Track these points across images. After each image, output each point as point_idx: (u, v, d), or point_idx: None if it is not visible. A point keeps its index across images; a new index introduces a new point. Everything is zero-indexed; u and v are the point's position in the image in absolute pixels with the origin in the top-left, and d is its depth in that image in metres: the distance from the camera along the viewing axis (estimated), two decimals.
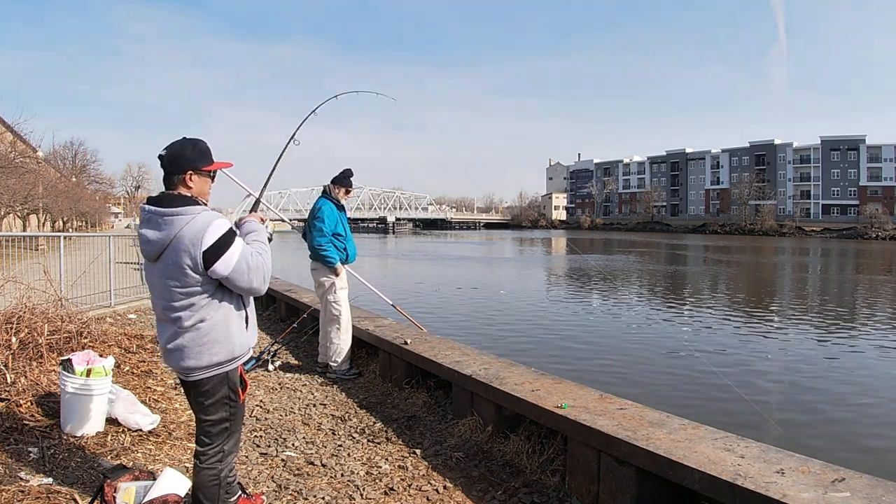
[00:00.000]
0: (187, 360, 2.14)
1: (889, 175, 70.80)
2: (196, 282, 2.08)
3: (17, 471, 2.84)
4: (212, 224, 2.06)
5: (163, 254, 2.08)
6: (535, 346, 9.10)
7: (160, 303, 2.16)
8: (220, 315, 2.17)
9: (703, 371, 7.79)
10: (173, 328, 2.15)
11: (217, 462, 2.27)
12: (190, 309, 2.11)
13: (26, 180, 23.26)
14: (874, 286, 19.83)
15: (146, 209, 2.10)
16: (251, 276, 2.14)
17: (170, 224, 2.06)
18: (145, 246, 2.11)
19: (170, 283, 2.08)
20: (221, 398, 2.23)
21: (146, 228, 2.10)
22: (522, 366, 3.98)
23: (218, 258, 2.05)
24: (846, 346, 9.61)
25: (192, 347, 2.14)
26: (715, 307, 14.17)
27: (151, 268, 2.16)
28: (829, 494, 2.01)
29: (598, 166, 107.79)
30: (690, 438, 2.56)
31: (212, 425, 2.25)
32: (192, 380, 2.20)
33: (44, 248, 15.35)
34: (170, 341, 2.17)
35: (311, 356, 5.92)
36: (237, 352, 2.23)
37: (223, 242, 2.06)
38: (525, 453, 3.25)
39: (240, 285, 2.14)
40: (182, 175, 2.14)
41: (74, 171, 51.18)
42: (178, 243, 2.04)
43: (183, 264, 2.04)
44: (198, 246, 2.03)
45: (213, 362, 2.17)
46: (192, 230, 2.04)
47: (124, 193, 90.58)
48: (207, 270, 2.06)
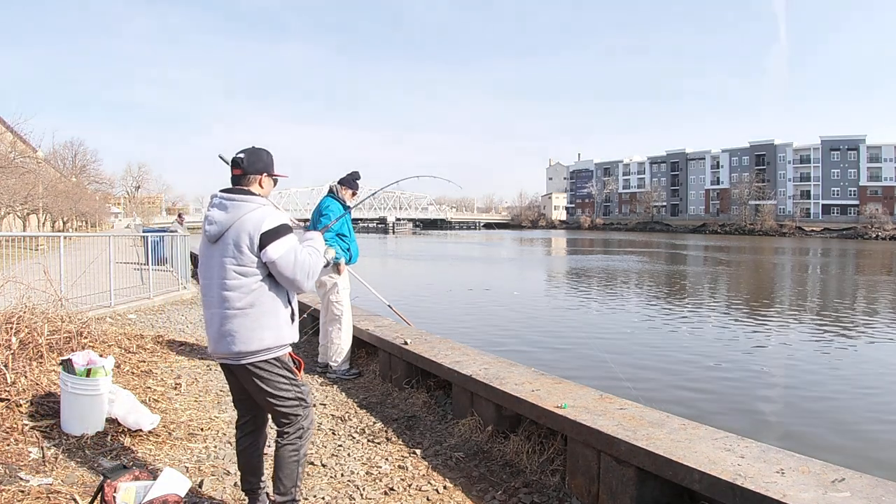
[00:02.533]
0: (238, 344, 2.25)
1: (889, 175, 70.78)
2: (251, 262, 2.24)
3: (17, 471, 2.84)
4: (274, 214, 2.29)
5: (225, 234, 2.26)
6: (535, 346, 9.10)
7: (216, 282, 2.27)
8: (270, 303, 2.29)
9: (703, 371, 7.79)
10: (222, 312, 2.26)
11: (297, 438, 2.38)
12: (241, 290, 2.24)
13: (26, 180, 23.25)
14: (874, 286, 19.83)
15: (218, 194, 2.33)
16: (296, 269, 2.28)
17: (238, 208, 2.27)
18: (210, 226, 2.29)
19: (226, 260, 2.25)
20: (280, 378, 2.33)
21: (216, 210, 2.30)
22: (522, 366, 3.98)
23: (272, 241, 2.24)
24: (846, 347, 9.61)
25: (242, 332, 2.24)
26: (715, 307, 14.17)
27: (210, 249, 2.31)
28: (829, 494, 2.01)
29: (598, 166, 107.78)
30: (690, 438, 2.56)
31: (283, 404, 2.35)
32: (245, 363, 2.28)
33: (44, 248, 15.35)
34: (221, 326, 2.27)
35: (312, 356, 5.92)
36: (286, 339, 2.35)
37: (280, 230, 2.26)
38: (525, 453, 3.25)
39: (284, 273, 2.27)
40: (258, 176, 2.38)
41: (74, 171, 51.16)
42: (242, 224, 2.24)
43: (242, 243, 2.23)
44: (258, 228, 2.23)
45: (263, 347, 2.27)
46: (257, 215, 2.26)
47: (124, 193, 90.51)
48: (261, 251, 2.23)
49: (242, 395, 2.47)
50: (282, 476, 2.37)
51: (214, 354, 2.36)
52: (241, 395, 2.48)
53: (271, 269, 2.28)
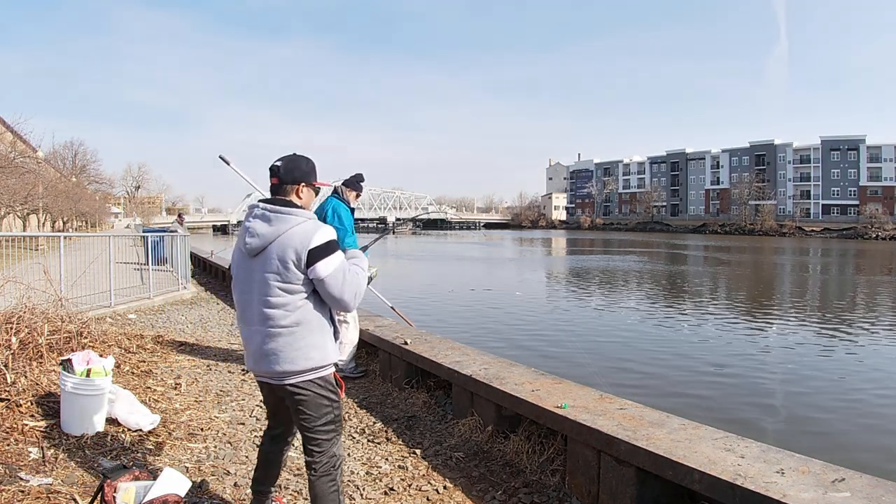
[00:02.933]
0: (283, 364, 2.13)
1: (889, 175, 70.77)
2: (297, 279, 2.12)
3: (17, 471, 2.84)
4: (322, 228, 2.17)
5: (268, 248, 2.13)
6: (535, 346, 9.10)
7: (257, 298, 2.16)
8: (316, 321, 2.19)
9: (703, 371, 7.79)
10: (265, 330, 2.15)
11: (331, 468, 2.25)
12: (286, 308, 2.13)
13: (26, 180, 23.23)
14: (874, 286, 19.82)
15: (260, 205, 2.20)
16: (344, 287, 2.17)
17: (283, 221, 2.14)
18: (252, 239, 2.16)
19: (270, 276, 2.12)
20: (322, 401, 2.22)
21: (258, 222, 2.16)
22: (522, 366, 3.98)
23: (321, 259, 2.12)
24: (846, 347, 9.61)
25: (288, 351, 2.14)
26: (715, 307, 14.17)
27: (249, 262, 2.19)
28: (829, 494, 2.01)
29: (598, 166, 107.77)
30: (690, 438, 2.56)
31: (318, 431, 2.22)
32: (287, 384, 2.17)
33: (44, 248, 15.35)
34: (263, 344, 2.16)
35: None
36: (332, 358, 2.24)
37: (329, 247, 2.15)
38: (525, 453, 3.25)
39: (332, 293, 2.16)
40: (297, 186, 2.24)
41: (74, 171, 51.12)
42: (288, 239, 2.12)
43: (288, 259, 2.10)
44: (306, 244, 2.11)
45: (309, 367, 2.17)
46: (304, 229, 2.13)
47: (124, 193, 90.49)
48: (309, 268, 2.12)
49: (279, 409, 2.40)
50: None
51: (256, 372, 2.26)
52: (277, 409, 2.41)
53: (318, 287, 2.16)
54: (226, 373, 5.24)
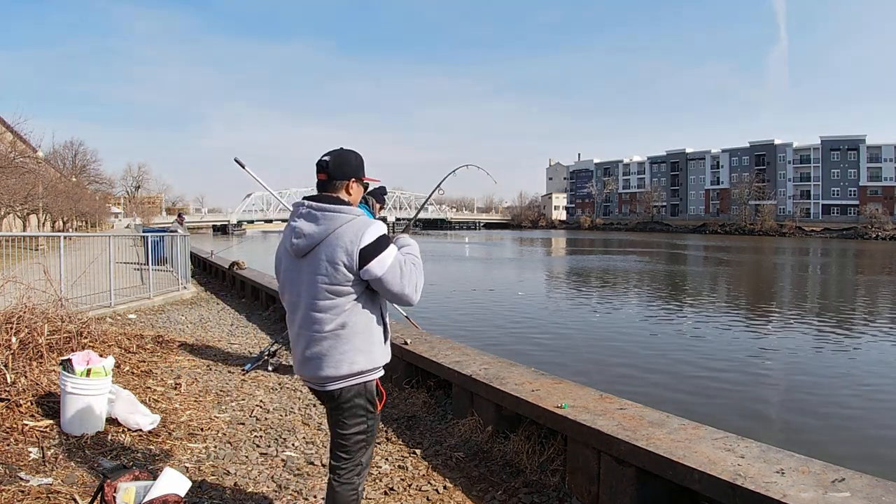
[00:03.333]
0: (326, 368, 2.06)
1: (889, 175, 70.76)
2: (346, 280, 2.02)
3: (17, 471, 2.84)
4: (372, 225, 2.06)
5: (316, 248, 2.04)
6: (535, 346, 9.11)
7: (304, 301, 2.07)
8: (363, 323, 2.09)
9: (703, 371, 7.79)
10: (310, 334, 2.07)
11: (355, 476, 2.19)
12: (333, 311, 2.04)
13: (26, 180, 23.24)
14: (874, 286, 19.82)
15: (305, 204, 2.10)
16: (404, 281, 2.07)
17: (330, 220, 2.04)
18: (299, 239, 2.06)
19: (318, 278, 2.03)
20: (359, 410, 2.14)
21: (304, 221, 2.06)
22: (522, 366, 3.98)
23: (374, 257, 2.01)
24: (846, 347, 9.61)
25: (332, 355, 2.06)
26: (715, 307, 14.17)
27: (296, 264, 2.10)
28: (829, 494, 2.01)
29: (598, 166, 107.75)
30: (690, 438, 2.56)
31: (349, 438, 2.16)
32: (329, 390, 2.11)
33: (44, 248, 15.35)
34: (307, 348, 2.08)
35: None
36: (378, 362, 2.15)
37: (381, 243, 2.04)
38: (525, 453, 3.25)
39: (391, 289, 2.06)
40: (346, 181, 2.15)
41: (74, 171, 51.12)
42: (337, 239, 2.01)
43: (338, 260, 2.00)
44: (356, 243, 2.00)
45: (353, 371, 2.08)
46: (353, 228, 2.03)
47: (124, 193, 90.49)
48: (362, 269, 2.01)
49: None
50: None
51: (300, 376, 2.20)
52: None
53: (375, 286, 2.06)
54: (226, 373, 5.24)
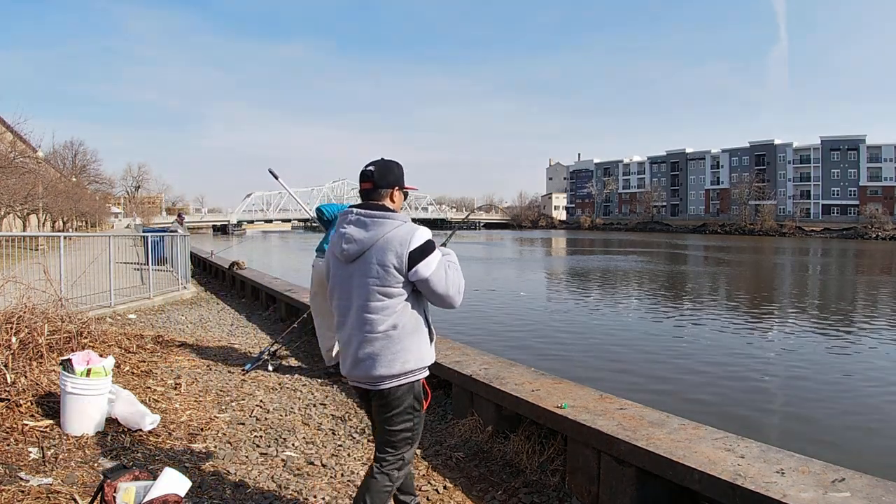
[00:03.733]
0: (379, 368, 2.15)
1: (889, 175, 70.75)
2: (397, 282, 2.15)
3: (17, 471, 2.84)
4: (419, 230, 2.20)
5: (366, 253, 2.16)
6: (535, 346, 9.10)
7: (355, 303, 2.18)
8: (413, 324, 2.21)
9: (703, 371, 7.79)
10: (362, 335, 2.17)
11: (396, 469, 2.27)
12: (385, 312, 2.15)
13: (26, 180, 23.24)
14: (874, 286, 19.82)
15: (354, 211, 2.22)
16: (448, 285, 2.20)
17: (379, 225, 2.17)
18: (348, 244, 2.18)
19: (370, 281, 2.15)
20: (406, 408, 2.23)
21: (354, 228, 2.19)
22: (522, 366, 3.98)
23: (422, 260, 2.14)
24: (846, 346, 9.61)
25: (385, 355, 2.15)
26: (715, 307, 14.17)
27: (345, 269, 2.21)
28: (829, 494, 2.01)
29: (598, 166, 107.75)
30: (690, 438, 2.56)
31: (395, 435, 2.25)
32: (380, 389, 2.20)
33: (44, 248, 15.35)
34: (360, 349, 2.18)
35: (312, 356, 5.92)
36: (426, 361, 2.26)
37: (428, 247, 2.17)
38: (525, 453, 3.25)
39: (437, 290, 2.19)
40: (390, 189, 2.29)
41: (74, 171, 51.13)
42: (387, 243, 2.14)
43: (388, 263, 2.13)
44: (405, 246, 2.13)
45: (405, 370, 2.18)
46: (401, 232, 2.16)
47: (124, 193, 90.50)
48: (410, 271, 2.14)
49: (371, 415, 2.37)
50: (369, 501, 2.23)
51: (349, 377, 2.28)
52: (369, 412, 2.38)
53: (421, 288, 2.19)
54: (226, 373, 5.24)
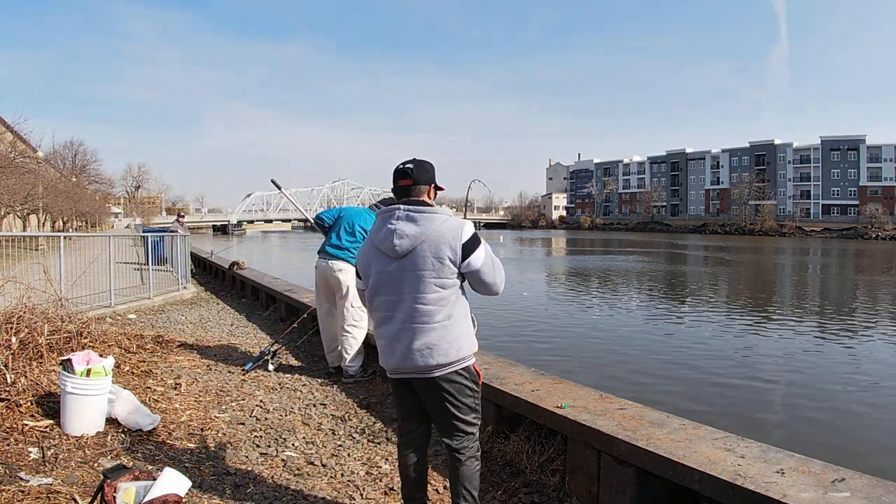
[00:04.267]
0: (436, 357, 2.22)
1: (889, 175, 70.77)
2: (451, 273, 2.23)
3: (17, 471, 2.84)
4: (467, 223, 2.29)
5: (419, 247, 2.22)
6: (535, 346, 9.10)
7: (408, 297, 2.23)
8: (464, 312, 2.31)
9: (703, 371, 7.79)
10: (418, 327, 2.22)
11: (476, 451, 2.37)
12: (440, 303, 2.22)
13: (26, 180, 23.25)
14: (874, 286, 19.82)
15: (402, 208, 2.28)
16: (495, 274, 2.33)
17: (430, 220, 2.24)
18: (401, 240, 2.23)
19: (425, 274, 2.21)
20: (466, 388, 2.31)
21: (404, 223, 2.25)
22: (522, 366, 3.97)
23: (474, 251, 2.25)
24: (846, 347, 9.61)
25: (441, 344, 2.22)
26: (715, 307, 14.17)
27: (394, 264, 2.25)
28: (829, 494, 2.01)
29: (598, 166, 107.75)
30: (690, 438, 2.56)
31: (462, 418, 2.32)
32: (436, 376, 2.25)
33: (44, 248, 15.35)
34: (415, 340, 2.23)
35: (312, 356, 5.92)
36: (475, 346, 2.36)
37: (476, 239, 2.28)
38: (525, 453, 3.25)
39: (485, 279, 2.30)
40: (428, 186, 2.37)
41: (74, 171, 51.16)
42: (440, 236, 2.22)
43: (443, 255, 2.21)
44: (458, 239, 2.22)
45: (460, 357, 2.27)
46: (452, 226, 2.25)
47: (124, 193, 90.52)
48: (463, 262, 2.23)
49: (416, 409, 2.42)
50: (469, 489, 2.34)
51: (400, 370, 2.30)
52: (414, 408, 2.42)
53: (472, 278, 2.29)
54: (226, 373, 5.24)
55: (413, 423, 2.46)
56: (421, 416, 2.44)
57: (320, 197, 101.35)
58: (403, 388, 2.39)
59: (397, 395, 2.47)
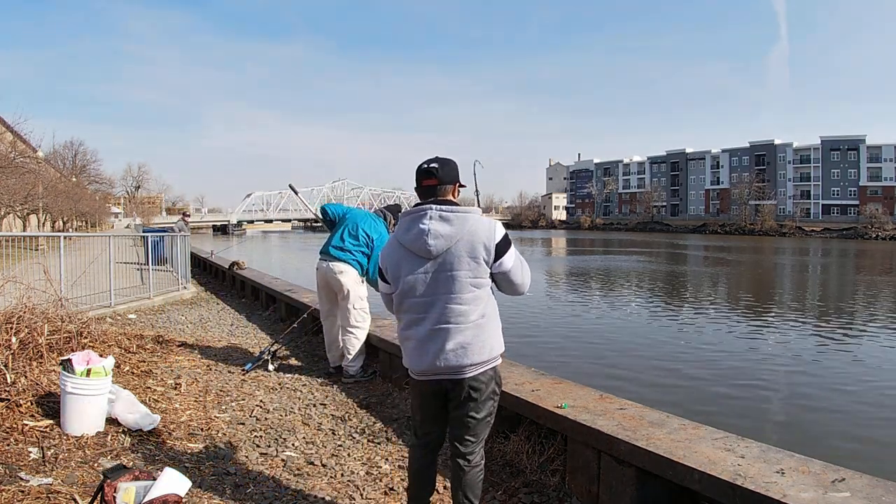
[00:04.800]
0: (471, 356, 2.21)
1: (889, 175, 70.75)
2: (485, 273, 2.24)
3: (17, 471, 2.84)
4: (498, 223, 2.31)
5: (453, 247, 2.20)
6: (535, 346, 9.10)
7: (442, 297, 2.21)
8: (494, 311, 2.32)
9: (703, 371, 7.79)
10: (453, 327, 2.21)
11: (482, 459, 2.35)
12: (475, 302, 2.22)
13: (26, 180, 23.24)
14: (874, 286, 19.81)
15: (433, 207, 2.25)
16: (523, 274, 2.34)
17: (463, 220, 2.23)
18: (436, 240, 2.20)
19: (461, 274, 2.20)
20: (490, 393, 2.29)
21: (438, 223, 2.22)
22: (522, 366, 3.97)
23: (506, 251, 2.26)
24: (846, 347, 9.61)
25: (475, 343, 2.22)
26: (715, 307, 14.17)
27: (427, 264, 2.23)
28: (829, 494, 2.01)
29: (598, 166, 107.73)
30: (690, 438, 2.56)
31: (479, 422, 2.30)
32: (467, 377, 2.23)
33: (44, 248, 15.35)
34: (449, 340, 2.21)
35: (312, 356, 5.92)
36: (503, 346, 2.35)
37: (507, 239, 2.29)
38: (525, 453, 3.25)
39: (514, 279, 2.31)
40: (452, 185, 2.35)
41: (74, 171, 51.15)
42: (473, 236, 2.21)
43: (478, 254, 2.21)
44: (492, 239, 2.23)
45: (493, 356, 2.27)
46: (485, 225, 2.25)
47: (124, 193, 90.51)
48: (496, 262, 2.24)
49: (439, 411, 2.38)
50: (471, 496, 2.31)
51: (431, 371, 2.26)
52: (438, 409, 2.38)
53: (501, 278, 2.28)
54: (226, 373, 5.24)
55: (433, 424, 2.43)
56: (442, 419, 2.40)
57: (320, 197, 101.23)
58: (429, 392, 2.34)
59: (421, 397, 2.41)
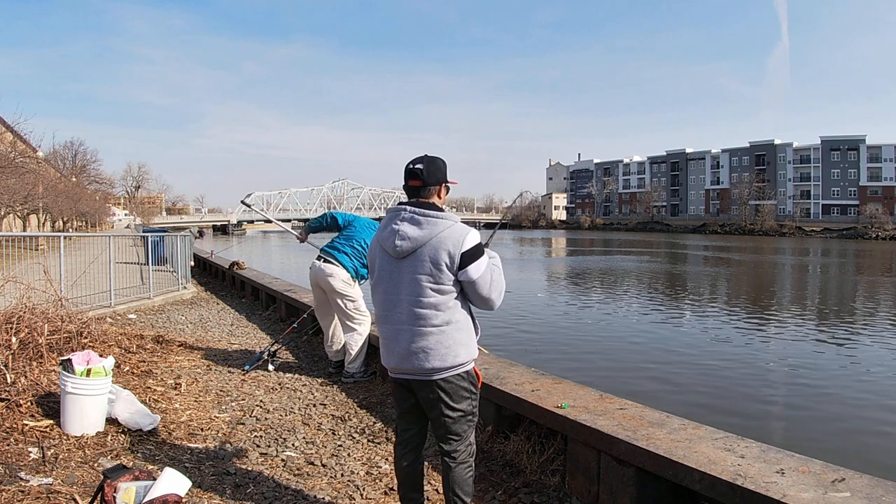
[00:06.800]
0: (432, 361, 2.22)
1: (889, 175, 70.78)
2: (448, 280, 2.21)
3: (17, 471, 2.84)
4: (471, 231, 2.27)
5: (419, 250, 2.21)
6: (535, 346, 9.11)
7: (405, 298, 2.23)
8: (464, 319, 2.29)
9: (703, 371, 7.79)
10: (415, 329, 2.23)
11: (469, 456, 2.36)
12: (437, 307, 2.22)
13: (26, 180, 23.26)
14: (874, 286, 19.82)
15: (408, 209, 2.27)
16: (492, 288, 2.28)
17: (433, 224, 2.22)
18: (402, 241, 2.22)
19: (422, 278, 2.20)
20: (464, 392, 2.31)
21: (408, 225, 2.23)
22: (522, 366, 3.97)
23: (472, 261, 2.21)
24: (847, 347, 9.61)
25: (438, 349, 2.22)
26: (715, 307, 14.17)
27: (395, 264, 2.25)
28: (829, 494, 2.01)
29: (598, 166, 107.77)
30: (690, 438, 2.56)
31: (458, 420, 2.31)
32: (434, 379, 2.25)
33: (44, 248, 15.35)
34: (411, 343, 2.23)
35: (312, 356, 5.92)
36: (475, 353, 2.35)
37: (478, 250, 2.25)
38: (525, 453, 3.25)
39: (480, 293, 2.26)
40: (438, 187, 2.34)
41: (74, 171, 51.15)
42: (441, 242, 2.20)
43: (441, 261, 2.19)
44: (458, 247, 2.20)
45: (457, 363, 2.26)
46: (455, 232, 2.22)
47: (124, 193, 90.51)
48: (460, 271, 2.21)
49: (413, 409, 2.40)
50: (460, 493, 2.32)
51: (399, 370, 2.30)
52: (411, 407, 2.41)
53: (467, 288, 2.26)
54: (226, 373, 5.24)
55: (409, 422, 2.45)
56: (418, 417, 2.43)
57: (320, 197, 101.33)
58: (402, 387, 2.39)
59: (396, 394, 2.47)
